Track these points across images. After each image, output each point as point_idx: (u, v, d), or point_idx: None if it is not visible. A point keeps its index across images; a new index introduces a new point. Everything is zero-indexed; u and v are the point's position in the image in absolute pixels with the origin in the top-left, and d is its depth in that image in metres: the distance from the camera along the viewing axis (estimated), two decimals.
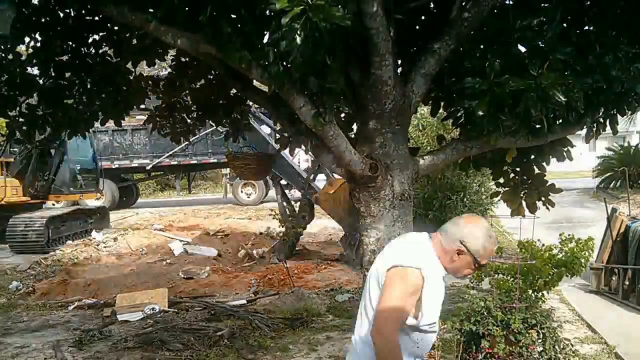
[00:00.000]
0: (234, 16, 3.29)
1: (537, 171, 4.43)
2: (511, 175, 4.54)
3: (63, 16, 4.07)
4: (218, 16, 3.14)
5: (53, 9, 3.99)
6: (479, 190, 12.34)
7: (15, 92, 4.17)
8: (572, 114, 3.55)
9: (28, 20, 3.87)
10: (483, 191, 12.25)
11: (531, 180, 4.47)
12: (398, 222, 3.60)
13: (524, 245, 5.56)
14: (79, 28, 4.17)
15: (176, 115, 5.45)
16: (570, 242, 6.18)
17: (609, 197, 14.18)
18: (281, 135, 4.34)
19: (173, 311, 7.11)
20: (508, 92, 3.10)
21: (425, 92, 3.68)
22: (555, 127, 3.70)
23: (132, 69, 4.77)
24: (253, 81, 3.93)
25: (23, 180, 12.91)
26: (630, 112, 4.12)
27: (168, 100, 5.36)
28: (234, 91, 5.31)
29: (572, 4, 3.58)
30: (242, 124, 5.42)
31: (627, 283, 7.03)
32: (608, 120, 3.87)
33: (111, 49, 4.50)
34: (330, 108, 3.23)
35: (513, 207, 4.56)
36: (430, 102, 4.18)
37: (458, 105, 3.84)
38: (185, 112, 5.50)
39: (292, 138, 4.06)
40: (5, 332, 6.50)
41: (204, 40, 3.23)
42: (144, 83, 4.94)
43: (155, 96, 5.36)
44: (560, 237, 6.28)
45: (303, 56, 2.69)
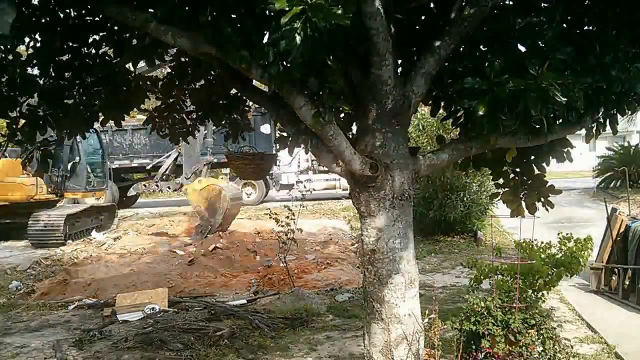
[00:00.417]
0: (234, 16, 3.29)
1: (537, 172, 4.43)
2: (511, 176, 4.54)
3: (63, 16, 4.06)
4: (218, 16, 3.14)
5: (53, 9, 3.99)
6: (478, 190, 12.35)
7: (15, 93, 4.16)
8: (572, 114, 3.55)
9: (28, 20, 3.87)
10: (483, 191, 12.26)
11: (531, 181, 4.46)
12: (398, 222, 3.60)
13: (522, 246, 5.57)
14: (79, 28, 4.16)
15: (175, 116, 5.44)
16: (569, 242, 6.20)
17: (609, 197, 14.18)
18: (281, 135, 4.33)
19: (173, 311, 7.12)
20: (508, 92, 3.10)
21: (425, 92, 3.67)
22: (555, 127, 3.70)
23: (132, 69, 4.77)
24: (253, 81, 3.93)
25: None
26: (630, 112, 4.11)
27: (167, 100, 5.35)
28: (234, 91, 5.31)
29: (572, 4, 3.58)
30: (242, 124, 5.41)
31: (627, 283, 7.04)
32: (608, 120, 3.87)
33: (111, 49, 4.49)
34: (330, 108, 3.23)
35: (512, 208, 4.56)
36: (430, 102, 4.18)
37: (458, 105, 3.84)
38: (185, 113, 5.49)
39: (292, 138, 4.06)
40: (5, 332, 6.51)
41: (204, 40, 3.22)
42: (142, 83, 4.93)
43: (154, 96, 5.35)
44: (558, 237, 6.29)
45: (303, 56, 2.69)
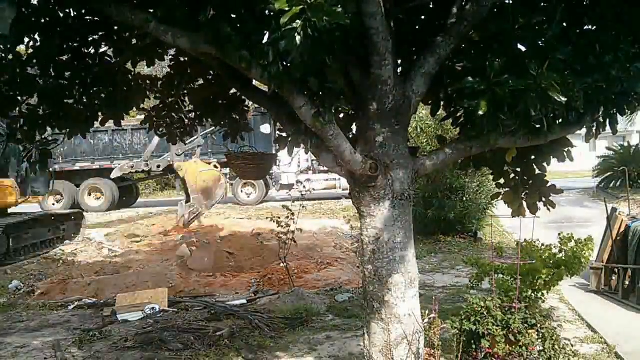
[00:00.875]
0: (234, 16, 3.29)
1: (538, 171, 4.43)
2: (511, 176, 4.54)
3: (63, 16, 4.06)
4: (218, 16, 3.14)
5: (53, 9, 3.98)
6: (478, 190, 12.36)
7: (15, 92, 4.16)
8: (572, 114, 3.55)
9: (28, 20, 3.86)
10: (483, 191, 12.27)
11: (532, 181, 4.46)
12: (398, 222, 3.60)
13: (523, 246, 5.57)
14: (79, 28, 4.16)
15: (173, 116, 5.43)
16: (569, 242, 6.20)
17: (608, 197, 14.18)
18: (280, 134, 4.33)
19: (173, 311, 7.12)
20: (508, 92, 3.10)
21: (425, 92, 3.67)
22: (555, 127, 3.70)
23: (132, 68, 4.77)
24: (253, 81, 3.93)
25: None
26: (630, 112, 4.11)
27: (166, 100, 5.34)
28: (234, 91, 5.30)
29: (572, 4, 3.58)
30: (242, 124, 5.40)
31: (627, 283, 7.04)
32: (608, 120, 3.87)
33: (111, 49, 4.49)
34: (330, 108, 3.23)
35: (514, 208, 4.55)
36: (430, 102, 4.18)
37: (458, 105, 3.84)
38: (183, 113, 5.48)
39: (292, 138, 4.06)
40: (5, 332, 6.51)
41: (204, 40, 3.22)
42: (141, 82, 4.93)
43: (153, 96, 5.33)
44: (559, 237, 6.30)
45: (303, 56, 2.69)
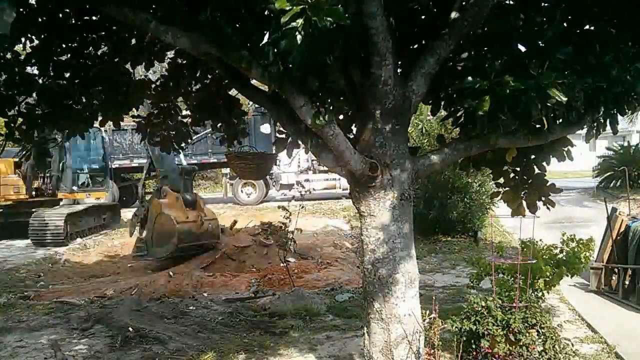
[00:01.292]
0: (234, 16, 3.28)
1: (537, 171, 4.43)
2: (511, 175, 4.54)
3: (62, 16, 4.06)
4: (218, 16, 3.14)
5: (52, 9, 3.98)
6: (479, 190, 12.35)
7: (14, 92, 4.16)
8: (572, 114, 3.55)
9: (27, 20, 3.86)
10: (483, 191, 12.26)
11: (531, 180, 4.46)
12: (398, 222, 3.60)
13: (525, 245, 5.57)
14: (78, 28, 4.16)
15: (169, 122, 5.33)
16: (572, 242, 6.20)
17: (609, 197, 14.18)
18: (279, 137, 4.32)
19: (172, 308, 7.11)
20: (508, 92, 3.09)
21: (425, 92, 3.67)
22: (556, 127, 3.70)
23: (131, 69, 4.76)
24: (253, 81, 3.93)
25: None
26: (630, 112, 4.11)
27: (161, 105, 5.25)
28: (230, 94, 5.28)
29: (572, 4, 3.57)
30: (239, 127, 5.38)
31: (627, 282, 7.04)
32: (608, 119, 3.87)
33: (111, 49, 4.49)
34: (330, 108, 3.23)
35: (513, 207, 4.56)
36: (430, 102, 4.18)
37: (458, 105, 3.84)
38: (180, 118, 5.40)
39: (292, 138, 4.05)
40: (5, 332, 6.50)
41: (204, 40, 3.22)
42: (137, 85, 4.91)
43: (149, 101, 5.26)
44: (562, 237, 6.29)
45: (303, 56, 2.69)
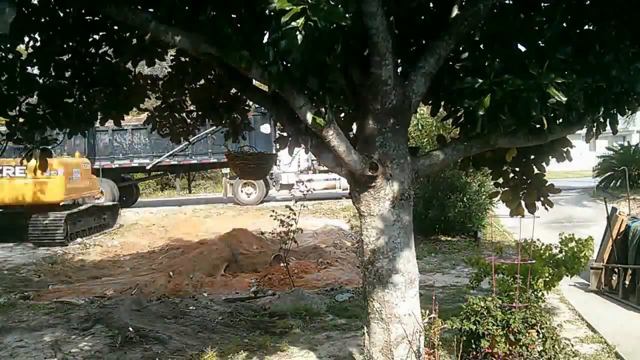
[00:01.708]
0: (234, 16, 3.29)
1: (537, 171, 4.43)
2: (511, 176, 4.54)
3: (63, 16, 4.06)
4: (218, 16, 3.14)
5: (53, 9, 3.98)
6: (479, 190, 12.36)
7: (15, 92, 4.16)
8: (572, 114, 3.55)
9: (28, 20, 3.86)
10: (483, 191, 12.27)
11: (530, 181, 4.46)
12: (398, 222, 3.60)
13: (523, 247, 5.57)
14: (78, 28, 4.16)
15: (176, 116, 5.44)
16: (570, 242, 6.20)
17: (609, 197, 14.18)
18: (280, 135, 4.32)
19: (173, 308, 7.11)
20: (508, 92, 3.09)
21: (425, 92, 3.67)
22: (555, 127, 3.70)
23: (132, 68, 4.77)
24: (253, 81, 3.93)
25: None
26: (630, 112, 4.11)
27: (167, 100, 5.35)
28: (234, 91, 5.30)
29: (572, 4, 3.58)
30: (242, 124, 5.40)
31: (627, 282, 7.04)
32: (608, 119, 3.87)
33: (111, 49, 4.49)
34: (330, 108, 3.22)
35: (512, 207, 4.56)
36: (430, 102, 4.18)
37: (458, 105, 3.84)
38: (185, 112, 5.48)
39: (292, 137, 4.05)
40: (5, 332, 6.50)
41: (204, 40, 3.22)
42: (142, 81, 4.93)
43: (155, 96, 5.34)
44: (560, 237, 6.29)
45: (303, 56, 2.69)
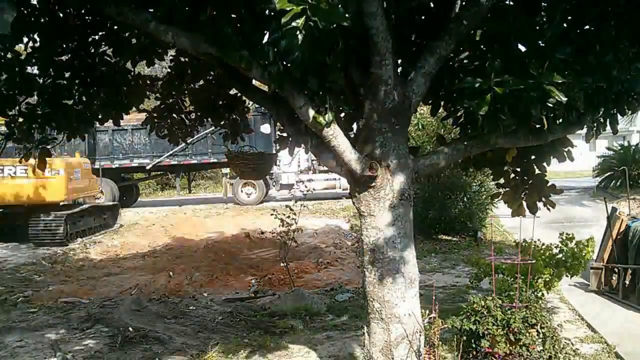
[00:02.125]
0: (234, 16, 3.29)
1: (538, 171, 4.43)
2: (511, 176, 4.54)
3: (63, 16, 4.06)
4: (218, 16, 3.14)
5: (53, 9, 3.99)
6: (479, 190, 12.36)
7: (14, 92, 4.16)
8: (572, 114, 3.55)
9: (28, 20, 3.86)
10: (483, 191, 12.27)
11: (531, 181, 4.46)
12: (398, 222, 3.60)
13: (523, 247, 5.57)
14: (79, 28, 4.16)
15: (174, 117, 5.43)
16: (570, 242, 6.20)
17: (608, 197, 14.18)
18: (280, 135, 4.32)
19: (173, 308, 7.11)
20: (508, 92, 3.09)
21: (425, 92, 3.67)
22: (556, 127, 3.70)
23: (132, 68, 4.77)
24: (253, 81, 3.93)
25: None
26: (630, 112, 4.11)
27: (166, 100, 5.34)
28: (234, 92, 5.29)
29: (572, 4, 3.57)
30: (242, 124, 5.40)
31: (627, 282, 7.04)
32: (608, 119, 3.87)
33: (111, 49, 4.49)
34: (330, 108, 3.22)
35: (513, 208, 4.56)
36: (430, 102, 4.18)
37: (458, 105, 3.84)
38: (184, 113, 5.48)
39: (292, 137, 4.05)
40: (5, 332, 6.50)
41: (204, 40, 3.22)
42: (141, 82, 4.93)
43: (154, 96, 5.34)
44: (560, 237, 6.29)
45: (303, 56, 2.69)
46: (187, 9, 3.25)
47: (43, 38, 4.08)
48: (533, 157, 4.37)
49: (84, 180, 14.89)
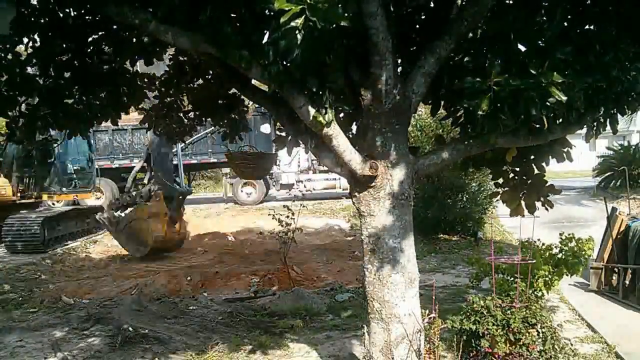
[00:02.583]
0: (234, 16, 3.28)
1: (537, 171, 4.43)
2: (511, 176, 4.54)
3: (63, 16, 4.06)
4: (218, 16, 3.14)
5: (53, 9, 3.99)
6: (478, 190, 12.35)
7: (15, 92, 4.16)
8: (572, 114, 3.55)
9: (28, 20, 3.86)
10: (483, 191, 12.26)
11: (530, 181, 4.46)
12: (398, 222, 3.60)
13: (523, 245, 5.57)
14: (78, 28, 4.16)
15: (173, 115, 5.42)
16: (570, 242, 6.20)
17: (609, 197, 14.18)
18: (280, 134, 4.32)
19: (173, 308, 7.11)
20: (508, 92, 3.10)
21: (425, 92, 3.68)
22: (555, 127, 3.70)
23: (130, 67, 4.76)
24: (252, 81, 3.93)
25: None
26: (630, 112, 4.11)
27: (164, 99, 5.33)
28: (233, 91, 5.29)
29: (572, 4, 3.58)
30: (241, 124, 5.39)
31: (627, 282, 7.04)
32: (608, 119, 3.87)
33: (110, 49, 4.49)
34: (330, 108, 3.22)
35: (512, 207, 4.56)
36: (430, 102, 4.18)
37: (458, 105, 3.84)
38: (183, 112, 5.48)
39: (292, 137, 4.05)
40: (5, 332, 6.50)
41: (204, 40, 3.23)
42: (139, 81, 4.92)
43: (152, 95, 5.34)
44: (560, 237, 6.29)
45: (303, 56, 2.69)
46: (187, 9, 3.25)
47: (43, 38, 4.08)
48: (532, 157, 4.37)
49: None
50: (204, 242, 13.60)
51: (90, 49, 4.35)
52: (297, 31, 2.51)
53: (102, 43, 4.39)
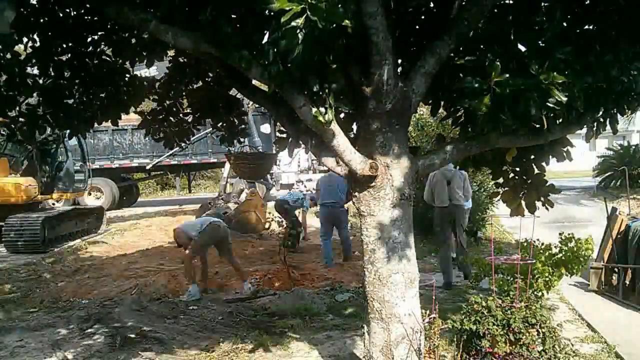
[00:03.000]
0: (234, 16, 3.29)
1: (537, 171, 4.43)
2: (511, 175, 4.54)
3: (63, 16, 4.07)
4: (218, 16, 3.14)
5: (52, 9, 3.99)
6: (478, 190, 12.34)
7: (14, 92, 4.16)
8: (572, 114, 3.55)
9: (28, 20, 3.87)
10: (483, 191, 12.25)
11: (530, 180, 4.47)
12: (398, 222, 3.60)
13: (523, 246, 5.57)
14: (78, 28, 4.17)
15: (171, 119, 5.40)
16: (570, 242, 6.20)
17: (609, 197, 14.18)
18: (280, 136, 4.33)
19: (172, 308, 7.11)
20: (508, 92, 3.10)
21: (425, 92, 3.68)
22: (556, 127, 3.70)
23: (130, 68, 4.77)
24: (252, 81, 3.93)
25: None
26: (630, 112, 4.11)
27: (164, 101, 5.32)
28: (231, 93, 5.28)
29: (572, 4, 3.58)
30: (239, 127, 5.39)
31: (628, 282, 7.04)
32: (608, 119, 3.87)
33: (110, 49, 4.50)
34: (330, 107, 3.23)
35: (512, 207, 4.56)
36: (430, 102, 4.18)
37: (458, 105, 3.84)
38: (182, 115, 5.46)
39: (292, 138, 4.06)
40: (5, 332, 6.50)
41: (204, 40, 3.23)
42: (138, 82, 4.93)
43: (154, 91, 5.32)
44: (560, 237, 6.29)
45: (303, 55, 2.69)
46: (187, 9, 3.26)
47: (42, 38, 4.08)
48: (532, 157, 4.37)
49: None
50: None
51: (90, 49, 4.36)
52: (298, 31, 2.51)
53: (102, 43, 4.40)
